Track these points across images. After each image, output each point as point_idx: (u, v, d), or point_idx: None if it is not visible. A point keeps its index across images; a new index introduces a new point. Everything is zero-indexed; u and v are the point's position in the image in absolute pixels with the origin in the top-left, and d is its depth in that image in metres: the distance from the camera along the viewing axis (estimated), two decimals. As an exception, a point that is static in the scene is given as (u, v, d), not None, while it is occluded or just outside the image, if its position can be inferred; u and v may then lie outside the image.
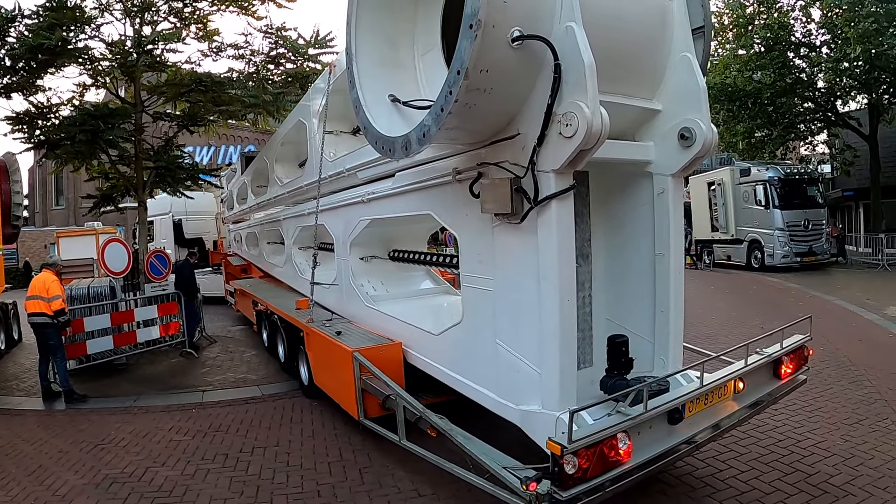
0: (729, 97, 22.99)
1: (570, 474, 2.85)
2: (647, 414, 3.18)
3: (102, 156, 11.09)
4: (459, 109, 3.37)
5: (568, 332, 3.56)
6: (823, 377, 6.96)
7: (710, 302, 13.62)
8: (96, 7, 10.54)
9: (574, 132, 3.21)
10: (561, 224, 3.51)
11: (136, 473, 5.03)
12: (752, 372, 4.09)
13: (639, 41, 3.93)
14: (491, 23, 3.09)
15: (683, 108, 4.02)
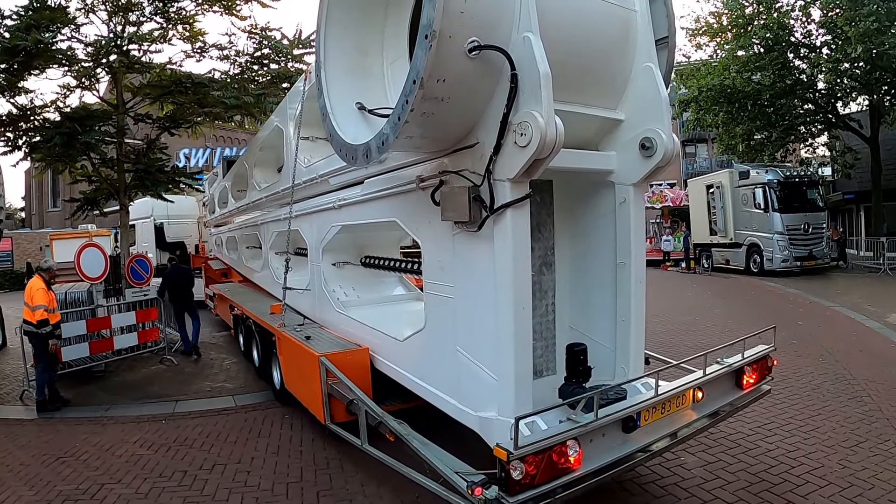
0: (728, 99, 23.19)
1: (518, 480, 2.98)
2: (598, 422, 3.32)
3: (84, 159, 11.25)
4: (416, 118, 3.50)
5: (523, 340, 3.69)
6: (822, 392, 6.86)
7: (707, 308, 13.68)
8: (81, 7, 10.76)
9: (528, 141, 3.34)
10: (516, 233, 3.64)
11: (90, 491, 5.05)
12: (712, 381, 4.23)
13: (602, 51, 4.08)
14: (447, 33, 3.22)
15: (645, 117, 4.17)
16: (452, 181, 4.02)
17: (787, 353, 8.40)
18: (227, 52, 12.32)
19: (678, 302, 15.07)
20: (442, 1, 3.10)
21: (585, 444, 3.32)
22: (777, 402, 6.40)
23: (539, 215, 4.71)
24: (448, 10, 3.16)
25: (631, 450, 3.56)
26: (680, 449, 5.10)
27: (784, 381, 7.12)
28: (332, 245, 6.91)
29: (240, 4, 11.91)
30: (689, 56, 24.99)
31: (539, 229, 4.71)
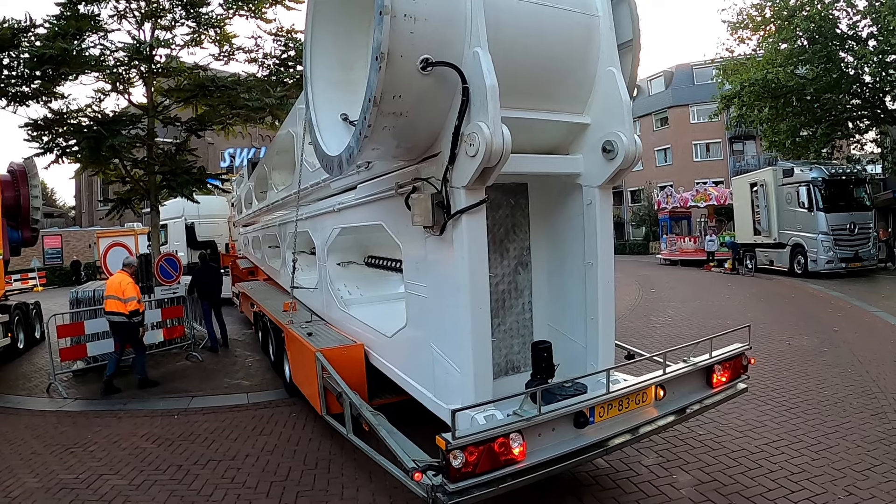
0: (772, 94, 22.68)
1: (458, 468, 3.25)
2: (542, 417, 3.56)
3: (116, 160, 12.04)
4: (377, 132, 3.85)
5: (481, 338, 3.99)
6: (843, 407, 6.51)
7: (741, 311, 13.49)
8: (113, 14, 11.54)
9: (476, 151, 3.63)
10: (471, 236, 3.93)
11: (87, 480, 5.42)
12: (677, 379, 4.41)
13: (565, 58, 4.33)
14: (398, 53, 3.55)
15: (608, 121, 4.39)
16: (423, 188, 4.33)
17: (816, 363, 8.34)
18: (254, 55, 13.02)
19: (711, 304, 14.95)
20: (388, 25, 3.42)
21: (532, 437, 3.56)
22: (793, 416, 6.27)
23: (514, 217, 5.01)
24: (397, 31, 3.49)
25: (582, 445, 3.77)
26: (674, 466, 5.13)
27: (805, 394, 6.99)
28: (336, 246, 7.31)
29: (265, 8, 12.55)
30: (732, 51, 24.52)
31: (514, 230, 5.01)
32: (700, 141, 46.56)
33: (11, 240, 11.54)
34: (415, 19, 3.56)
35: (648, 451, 5.44)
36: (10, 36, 9.66)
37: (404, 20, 3.52)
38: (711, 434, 5.81)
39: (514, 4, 3.99)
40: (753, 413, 6.35)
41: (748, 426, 5.98)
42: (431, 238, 4.31)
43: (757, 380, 7.31)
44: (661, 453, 5.40)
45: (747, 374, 5.00)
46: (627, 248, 47.69)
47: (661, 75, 50.80)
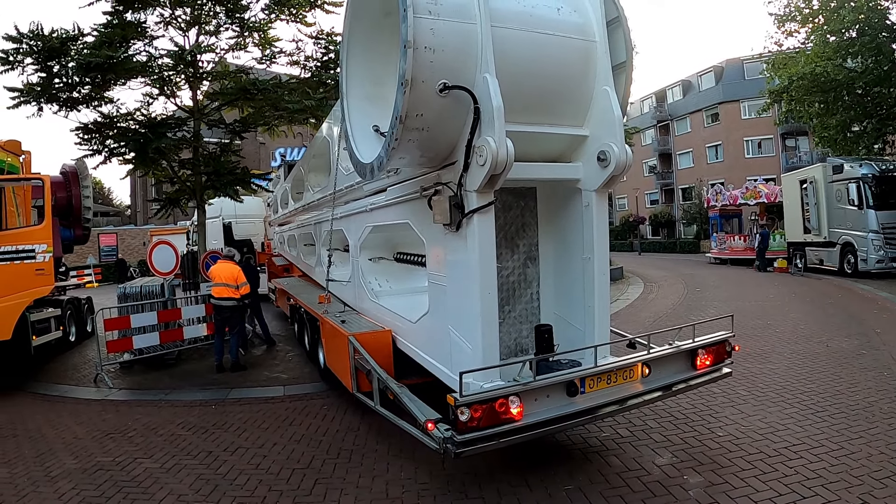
0: (821, 88, 22.92)
1: (464, 422, 4.21)
2: (536, 383, 4.52)
3: (163, 161, 13.41)
4: (403, 144, 4.88)
5: (489, 318, 4.97)
6: (873, 412, 6.54)
7: (783, 312, 13.84)
8: (159, 21, 12.89)
9: (485, 161, 4.61)
10: (482, 233, 4.91)
11: (122, 463, 6.08)
12: (663, 360, 5.34)
13: (566, 79, 5.27)
14: (420, 79, 4.57)
15: (603, 133, 5.32)
16: (443, 191, 5.32)
17: (851, 366, 8.57)
18: (296, 58, 14.25)
19: (755, 305, 15.36)
20: (412, 56, 4.43)
21: (529, 401, 4.52)
22: (819, 420, 6.36)
23: (524, 217, 6.00)
24: (419, 61, 4.50)
25: (573, 410, 4.70)
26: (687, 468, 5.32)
27: (835, 397, 7.10)
28: (368, 243, 8.35)
29: (305, 11, 13.76)
30: (780, 44, 24.80)
31: (524, 229, 6.00)
32: (752, 137, 46.64)
33: (63, 238, 12.88)
34: (434, 50, 4.57)
35: (664, 450, 5.72)
36: (58, 45, 10.93)
37: (425, 51, 4.54)
38: (731, 436, 5.99)
39: (520, 35, 4.95)
40: (778, 416, 6.52)
41: (770, 429, 6.13)
42: (449, 234, 5.30)
43: (787, 382, 7.84)
44: (676, 453, 5.63)
45: (731, 360, 5.89)
46: (678, 247, 47.96)
47: (711, 70, 51.01)
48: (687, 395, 7.04)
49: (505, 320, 5.96)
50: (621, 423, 6.42)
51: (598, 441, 6.00)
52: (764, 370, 8.43)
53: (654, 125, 58.00)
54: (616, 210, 64.04)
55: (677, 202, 55.09)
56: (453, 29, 4.65)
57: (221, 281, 10.11)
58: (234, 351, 10.29)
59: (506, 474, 5.28)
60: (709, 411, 6.80)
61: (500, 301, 5.90)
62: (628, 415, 6.53)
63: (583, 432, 6.17)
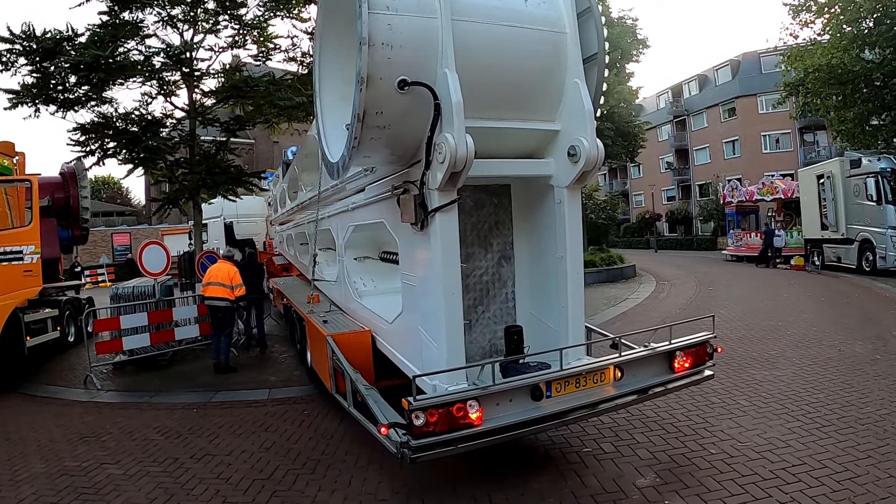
0: (838, 80, 22.46)
1: (419, 426, 4.13)
2: (496, 387, 4.40)
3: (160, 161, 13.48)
4: (365, 143, 4.81)
5: (453, 319, 4.88)
6: (884, 426, 6.03)
7: (795, 313, 13.46)
8: (158, 20, 12.96)
9: (444, 158, 4.52)
10: (444, 232, 4.83)
11: (88, 468, 6.05)
12: (637, 362, 5.19)
13: (534, 72, 5.17)
14: (378, 76, 4.50)
15: (574, 127, 5.21)
16: (410, 189, 5.24)
17: (864, 373, 8.05)
18: (292, 54, 14.27)
19: (767, 305, 15.00)
20: (367, 53, 4.36)
21: (490, 405, 4.41)
22: (824, 435, 5.87)
23: (498, 215, 5.91)
24: (375, 59, 4.43)
25: (537, 415, 4.57)
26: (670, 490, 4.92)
27: (844, 409, 6.61)
28: (353, 242, 8.31)
29: (301, 8, 13.78)
30: (796, 35, 24.38)
31: (498, 227, 5.91)
32: (769, 132, 46.07)
33: (62, 238, 13.04)
34: (391, 47, 4.50)
35: (648, 469, 5.33)
36: (52, 46, 11.06)
37: (382, 48, 4.47)
38: (724, 453, 5.54)
39: (483, 28, 4.86)
40: (780, 430, 6.06)
41: (769, 446, 5.66)
42: (417, 234, 5.22)
43: (793, 391, 7.39)
44: (661, 473, 5.23)
45: (713, 362, 5.71)
46: (695, 244, 47.53)
47: (727, 64, 50.45)
48: (682, 404, 6.92)
49: (478, 321, 5.88)
50: (606, 437, 6.11)
51: (579, 457, 5.68)
52: (770, 377, 8.04)
53: (671, 120, 57.42)
54: (633, 207, 63.55)
55: (694, 199, 54.53)
56: (412, 24, 4.58)
57: (217, 280, 10.14)
58: (226, 352, 10.29)
59: (471, 490, 5.08)
60: (705, 423, 6.40)
61: (474, 301, 5.85)
62: (616, 427, 6.33)
63: (563, 446, 5.94)
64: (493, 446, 5.26)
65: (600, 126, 23.15)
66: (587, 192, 53.87)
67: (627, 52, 26.33)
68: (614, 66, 25.31)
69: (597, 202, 54.44)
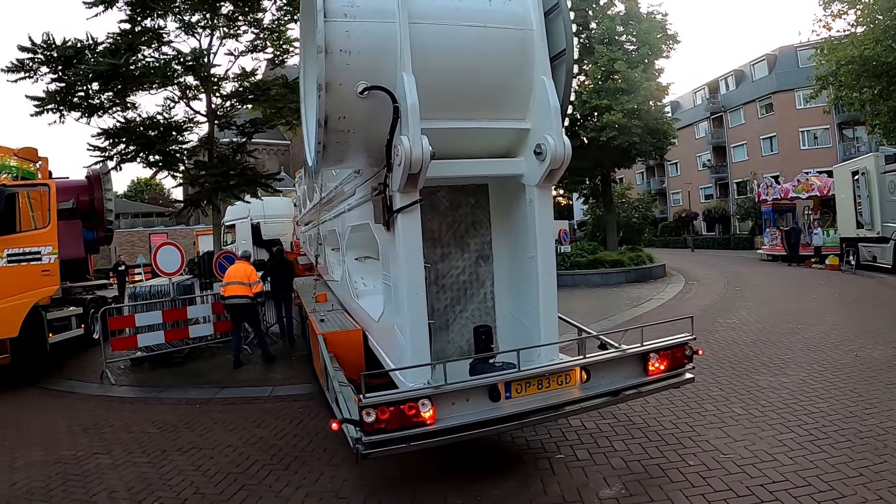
0: (872, 72, 21.61)
1: (370, 423, 4.16)
2: (448, 387, 4.41)
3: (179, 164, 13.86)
4: (331, 147, 4.93)
5: (417, 318, 4.91)
6: (885, 441, 5.58)
7: (819, 315, 12.92)
8: (179, 27, 13.32)
9: (400, 161, 4.55)
10: (406, 232, 4.86)
11: (81, 457, 6.32)
12: (606, 364, 5.09)
13: (500, 71, 5.15)
14: (337, 82, 4.60)
15: (542, 125, 5.16)
16: (382, 191, 5.28)
17: (878, 381, 7.51)
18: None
19: (792, 306, 14.47)
20: (324, 61, 4.44)
21: (445, 405, 4.41)
22: (816, 449, 5.44)
23: (475, 215, 5.91)
24: (334, 65, 4.54)
25: (495, 416, 4.53)
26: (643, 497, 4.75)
27: (845, 421, 6.13)
28: (353, 242, 8.39)
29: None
30: (829, 27, 23.48)
31: (475, 227, 5.91)
32: (807, 128, 44.69)
33: (87, 239, 13.55)
34: (350, 53, 4.60)
35: (617, 479, 5.07)
36: (73, 54, 11.48)
37: (340, 55, 4.57)
38: (703, 466, 5.22)
39: (444, 30, 4.87)
40: (769, 443, 5.64)
41: (754, 459, 5.28)
42: (386, 234, 5.27)
43: (795, 399, 6.95)
44: (629, 484, 4.96)
45: (692, 364, 5.51)
46: (732, 243, 46.50)
47: (763, 59, 49.16)
48: (673, 411, 6.71)
49: (456, 320, 5.89)
50: (584, 443, 5.89)
51: (549, 463, 5.47)
52: (774, 384, 7.60)
53: (708, 117, 56.12)
54: (670, 206, 62.39)
55: (732, 197, 53.24)
56: (371, 30, 4.66)
57: (235, 280, 10.48)
58: (262, 344, 10.87)
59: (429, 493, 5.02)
60: (691, 432, 6.05)
61: (451, 301, 5.87)
62: (597, 433, 6.15)
63: (538, 451, 5.77)
64: (466, 446, 5.40)
65: (627, 123, 23.16)
66: (619, 192, 53.48)
67: (656, 48, 25.77)
68: (642, 62, 24.88)
69: (630, 201, 53.94)
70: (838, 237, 24.79)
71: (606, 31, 24.88)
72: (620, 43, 25.47)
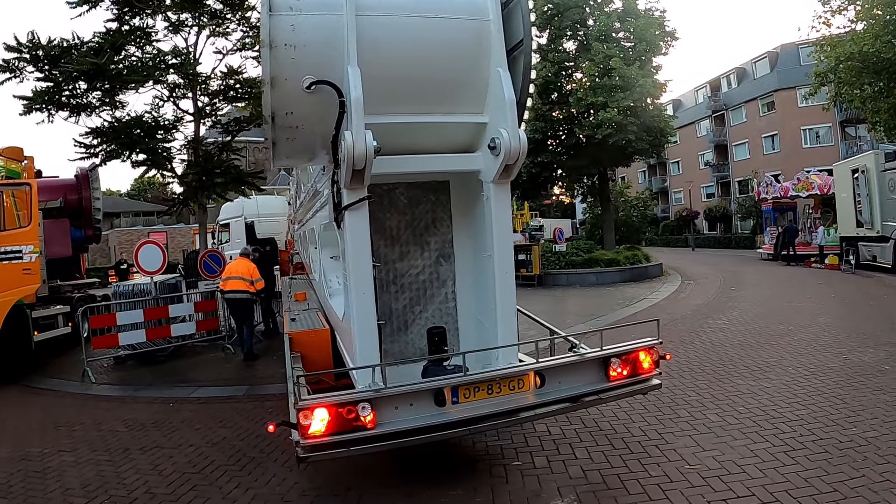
0: (872, 69, 21.27)
1: (305, 426, 4.01)
2: (388, 391, 4.25)
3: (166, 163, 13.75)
4: (282, 144, 4.80)
5: (364, 318, 4.75)
6: (865, 452, 5.21)
7: (812, 316, 12.61)
8: (168, 26, 13.19)
9: (344, 157, 4.38)
10: (353, 230, 4.69)
11: (46, 454, 6.33)
12: (563, 369, 4.89)
13: (455, 63, 4.95)
14: (283, 76, 4.45)
15: (497, 118, 4.95)
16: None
17: (865, 386, 7.19)
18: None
19: (785, 307, 14.17)
20: (268, 56, 4.31)
21: (387, 409, 4.25)
22: (790, 460, 5.12)
23: (435, 212, 5.73)
24: (278, 60, 4.39)
25: (441, 421, 4.34)
26: None
27: (825, 429, 5.77)
28: (326, 240, 8.21)
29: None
30: (829, 23, 23.14)
31: (435, 225, 5.72)
32: (809, 126, 44.24)
33: (75, 238, 13.48)
34: (295, 47, 4.44)
35: (570, 489, 4.83)
36: (59, 54, 11.38)
37: (285, 49, 4.42)
38: (665, 477, 4.93)
39: (394, 21, 4.69)
40: (740, 452, 5.34)
41: (721, 471, 4.97)
42: (339, 231, 5.11)
43: (775, 405, 6.63)
44: (582, 495, 4.74)
45: (659, 370, 5.24)
46: (733, 242, 46.12)
47: (765, 57, 48.70)
48: (645, 417, 6.45)
49: (415, 321, 5.71)
50: (546, 450, 5.67)
51: (504, 470, 5.27)
52: (755, 388, 7.28)
53: (709, 115, 55.64)
54: (672, 204, 61.98)
55: (734, 195, 52.80)
56: (317, 23, 4.51)
57: (236, 275, 10.65)
58: (248, 340, 10.89)
59: (374, 498, 4.88)
60: (659, 440, 5.77)
61: (410, 301, 5.70)
62: (561, 440, 5.91)
63: (496, 457, 5.58)
64: (423, 450, 5.29)
65: (623, 121, 22.88)
66: (618, 190, 53.15)
67: (654, 45, 25.46)
68: (639, 59, 24.58)
69: (628, 199, 53.62)
70: (837, 236, 24.46)
71: (603, 28, 24.60)
72: (618, 40, 25.18)
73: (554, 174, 29.51)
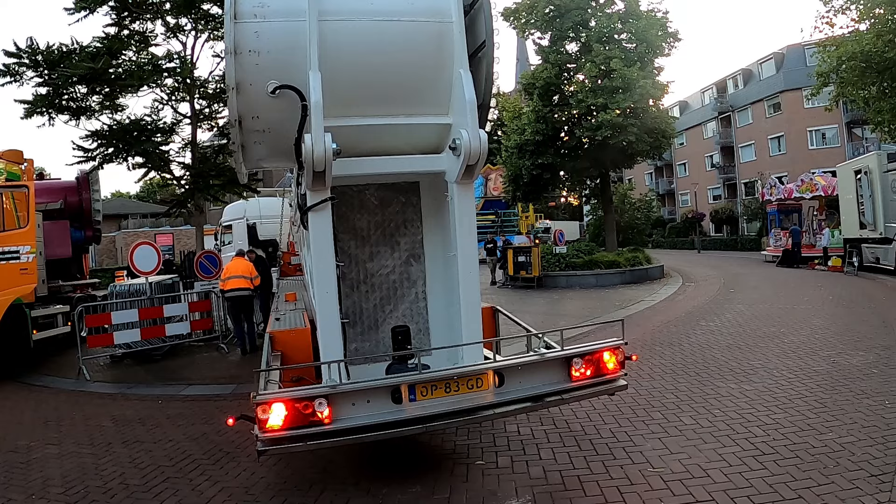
0: (875, 68, 21.06)
1: (263, 419, 4.09)
2: (344, 387, 4.34)
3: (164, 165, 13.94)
4: (250, 147, 4.96)
5: (329, 317, 4.86)
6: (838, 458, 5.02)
7: (806, 318, 12.44)
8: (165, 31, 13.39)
9: (304, 159, 4.48)
10: (316, 231, 4.80)
11: (33, 448, 6.48)
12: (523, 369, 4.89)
13: (418, 66, 5.08)
14: (248, 82, 4.60)
15: (459, 119, 5.04)
16: (306, 188, 5.22)
17: (848, 390, 6.96)
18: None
19: (781, 309, 13.96)
20: (232, 62, 4.43)
21: (344, 405, 4.30)
22: (758, 466, 4.97)
23: (405, 213, 5.82)
24: (243, 66, 4.54)
25: (397, 419, 4.38)
26: None
27: (800, 434, 5.60)
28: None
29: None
30: (832, 23, 22.93)
31: (406, 225, 5.82)
32: (815, 127, 44.00)
33: (75, 239, 13.67)
34: (259, 53, 4.60)
35: (528, 489, 4.79)
36: (57, 58, 11.59)
37: (249, 55, 4.57)
38: (626, 480, 4.84)
39: (357, 25, 4.80)
40: (707, 457, 5.20)
41: (684, 475, 4.85)
42: (304, 232, 5.21)
43: (752, 409, 6.47)
44: (538, 496, 4.69)
45: (625, 371, 5.18)
46: (739, 244, 45.82)
47: (771, 58, 48.45)
48: (616, 418, 6.37)
49: (385, 320, 5.79)
50: (512, 449, 5.62)
51: (466, 469, 5.26)
52: (735, 391, 7.11)
53: (716, 117, 55.35)
54: (678, 206, 61.69)
55: (740, 197, 52.50)
56: (280, 29, 4.64)
57: (237, 274, 11.07)
58: (251, 337, 11.32)
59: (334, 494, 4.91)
60: (627, 442, 5.65)
61: (380, 301, 5.79)
62: (527, 439, 5.85)
63: (461, 456, 5.57)
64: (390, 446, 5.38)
65: (622, 122, 22.81)
66: (622, 192, 52.83)
67: (655, 46, 25.36)
68: (640, 60, 24.49)
69: (631, 201, 53.34)
70: (841, 238, 24.26)
71: (605, 30, 24.55)
72: (619, 41, 25.09)
73: (556, 176, 29.46)
